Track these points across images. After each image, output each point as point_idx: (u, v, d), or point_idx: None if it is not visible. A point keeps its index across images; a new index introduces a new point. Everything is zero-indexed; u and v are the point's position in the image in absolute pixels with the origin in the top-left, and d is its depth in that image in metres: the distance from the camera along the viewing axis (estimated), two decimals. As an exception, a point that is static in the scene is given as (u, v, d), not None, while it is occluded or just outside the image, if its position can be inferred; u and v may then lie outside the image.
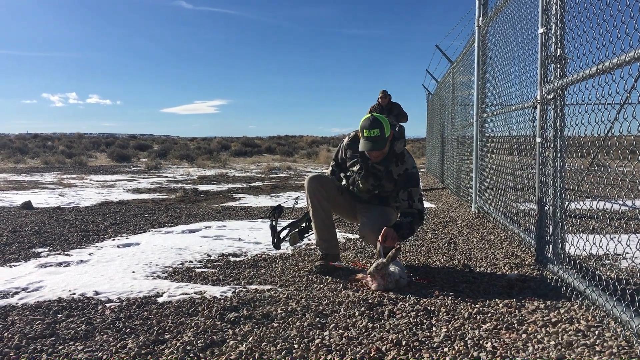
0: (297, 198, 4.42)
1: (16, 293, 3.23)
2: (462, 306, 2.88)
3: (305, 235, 4.01)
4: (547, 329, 2.50)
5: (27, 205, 7.33)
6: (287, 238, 3.97)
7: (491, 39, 6.17)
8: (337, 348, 2.31)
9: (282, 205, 4.02)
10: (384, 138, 3.46)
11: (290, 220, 4.12)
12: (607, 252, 2.78)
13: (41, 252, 4.42)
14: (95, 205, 7.79)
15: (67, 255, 4.33)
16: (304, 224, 3.99)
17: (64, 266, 3.93)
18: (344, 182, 3.89)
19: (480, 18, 6.48)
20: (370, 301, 2.97)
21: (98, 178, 13.47)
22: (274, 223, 3.90)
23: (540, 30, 3.56)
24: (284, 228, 3.98)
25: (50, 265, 3.94)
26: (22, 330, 2.56)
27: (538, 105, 3.66)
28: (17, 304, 3.02)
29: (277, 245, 3.93)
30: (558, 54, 3.35)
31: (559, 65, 3.36)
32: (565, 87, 3.24)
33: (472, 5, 6.80)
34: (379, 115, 3.57)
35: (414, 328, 2.55)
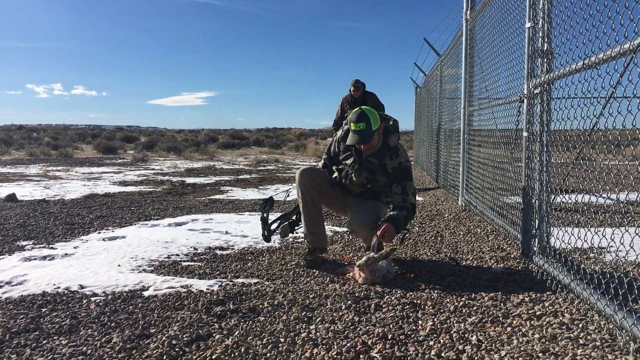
0: (287, 191, 4.42)
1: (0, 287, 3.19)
2: (448, 299, 2.90)
3: (296, 227, 4.00)
4: (532, 322, 2.52)
5: (12, 197, 7.25)
6: (278, 231, 3.96)
7: (479, 32, 6.18)
8: (323, 342, 2.31)
9: (273, 197, 4.00)
10: (370, 132, 3.47)
11: (281, 213, 4.11)
12: (592, 245, 2.81)
13: (25, 245, 4.38)
14: (80, 198, 7.72)
15: (52, 248, 4.28)
16: (294, 217, 3.97)
17: (49, 259, 3.90)
18: (335, 175, 3.87)
19: (468, 12, 6.48)
20: (356, 295, 2.97)
21: (84, 170, 13.36)
22: (265, 215, 3.89)
23: (528, 25, 3.57)
24: (275, 220, 3.96)
25: (35, 259, 3.90)
26: (5, 324, 2.53)
27: (525, 100, 3.68)
28: (0, 298, 2.98)
29: (267, 238, 3.92)
30: (545, 48, 3.37)
31: (545, 60, 3.37)
32: (551, 81, 3.25)
33: (460, -1, 6.80)
34: (368, 108, 3.56)
35: (400, 321, 2.56)
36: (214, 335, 2.41)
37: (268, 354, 2.20)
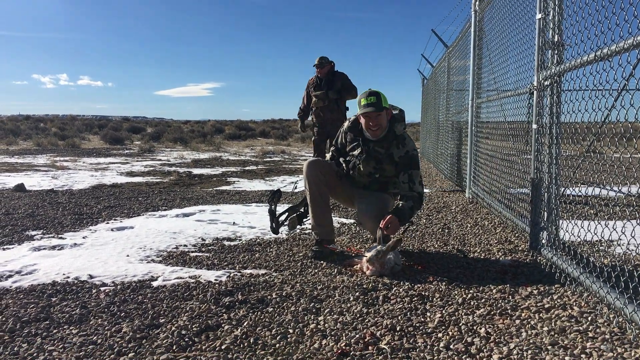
0: (295, 182, 4.41)
1: (10, 276, 3.21)
2: (456, 292, 2.89)
3: (304, 219, 4.00)
4: (541, 314, 2.52)
5: (20, 187, 7.28)
6: (286, 223, 3.96)
7: (488, 24, 6.13)
8: (332, 333, 2.32)
9: (281, 189, 4.00)
10: (381, 105, 3.53)
11: (289, 205, 4.11)
12: (602, 238, 2.79)
13: (35, 235, 4.40)
14: (88, 188, 7.75)
15: (61, 238, 4.31)
16: (302, 209, 3.98)
17: (58, 249, 3.92)
18: (342, 166, 3.88)
19: (477, 3, 6.43)
20: (364, 286, 2.97)
21: (91, 161, 13.40)
22: (273, 207, 3.89)
23: (538, 16, 3.54)
24: (282, 213, 3.97)
25: (44, 249, 3.93)
26: (16, 313, 2.55)
27: (535, 92, 3.66)
28: (10, 287, 3.00)
29: (275, 230, 3.93)
30: (556, 40, 3.34)
31: (556, 52, 3.34)
32: (562, 73, 3.23)
33: (469, -10, 6.74)
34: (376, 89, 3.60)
35: (408, 313, 2.56)
36: (223, 325, 2.42)
37: (277, 345, 2.21)
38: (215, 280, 3.14)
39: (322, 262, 3.57)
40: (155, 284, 3.07)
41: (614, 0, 2.41)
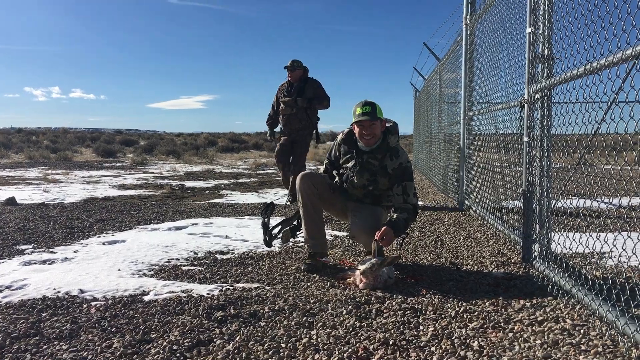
0: (288, 195, 4.39)
1: (-1, 291, 3.18)
2: (449, 305, 2.89)
3: (298, 232, 3.99)
4: (533, 327, 2.52)
5: (11, 201, 7.23)
6: (279, 236, 3.95)
7: (479, 37, 6.19)
8: (325, 347, 2.31)
9: (274, 202, 4.00)
10: (375, 114, 3.55)
11: (282, 218, 4.10)
12: (593, 251, 2.80)
13: (25, 250, 4.36)
14: (80, 202, 7.71)
15: (52, 252, 4.27)
16: (295, 222, 3.97)
17: (49, 264, 3.89)
18: (336, 179, 3.88)
19: (468, 16, 6.50)
20: (357, 300, 2.96)
21: (83, 174, 13.34)
22: (266, 220, 3.88)
23: (528, 30, 3.57)
24: (276, 226, 3.96)
25: (35, 263, 3.89)
26: (5, 329, 2.52)
27: (525, 105, 3.68)
28: (0, 302, 2.97)
29: (269, 244, 3.92)
30: (546, 53, 3.37)
31: (546, 65, 3.38)
32: (552, 86, 3.25)
33: (460, 4, 6.82)
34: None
35: (401, 327, 2.55)
36: (214, 340, 2.41)
37: (269, 360, 2.20)
38: (208, 294, 3.12)
39: (315, 275, 3.56)
40: (146, 298, 3.05)
41: (602, 14, 2.44)
